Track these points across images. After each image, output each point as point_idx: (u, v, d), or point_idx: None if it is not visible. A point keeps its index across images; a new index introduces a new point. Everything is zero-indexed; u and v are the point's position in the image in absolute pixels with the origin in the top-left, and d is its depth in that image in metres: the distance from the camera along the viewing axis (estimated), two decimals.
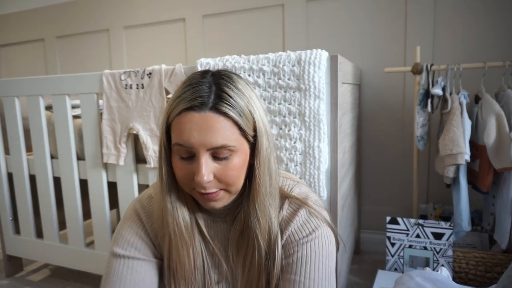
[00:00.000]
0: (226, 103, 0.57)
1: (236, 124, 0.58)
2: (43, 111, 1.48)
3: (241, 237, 0.67)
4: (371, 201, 1.91)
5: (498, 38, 1.60)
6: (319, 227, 0.66)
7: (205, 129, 0.56)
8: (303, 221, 0.66)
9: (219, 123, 0.56)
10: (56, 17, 2.62)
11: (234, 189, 0.62)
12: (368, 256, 1.83)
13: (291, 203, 0.68)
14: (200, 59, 1.14)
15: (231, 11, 2.08)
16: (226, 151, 0.58)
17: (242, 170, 0.61)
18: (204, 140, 0.56)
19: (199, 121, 0.56)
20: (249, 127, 0.60)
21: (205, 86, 0.58)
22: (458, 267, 1.38)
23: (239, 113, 0.58)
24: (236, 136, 0.58)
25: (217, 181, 0.59)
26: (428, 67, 1.43)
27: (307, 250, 0.64)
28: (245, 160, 0.61)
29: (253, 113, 0.60)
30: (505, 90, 1.34)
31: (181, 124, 0.57)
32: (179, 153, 0.59)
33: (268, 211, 0.63)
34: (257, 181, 0.61)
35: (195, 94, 0.57)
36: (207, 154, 0.58)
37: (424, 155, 1.75)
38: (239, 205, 0.68)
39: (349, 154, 1.39)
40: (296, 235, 0.65)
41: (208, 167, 0.58)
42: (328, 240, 0.66)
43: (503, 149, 1.23)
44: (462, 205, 1.34)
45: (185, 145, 0.57)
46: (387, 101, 1.81)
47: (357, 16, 1.81)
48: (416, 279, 0.87)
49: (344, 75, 1.15)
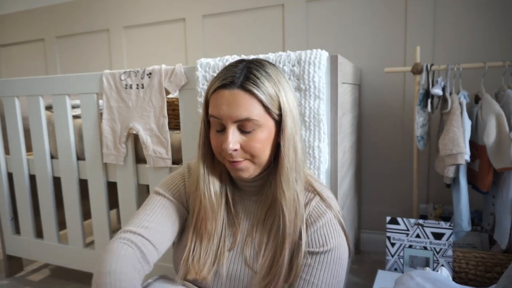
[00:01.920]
0: (252, 82, 0.66)
1: (260, 102, 0.66)
2: (43, 111, 1.48)
3: (268, 211, 0.74)
4: (371, 201, 1.91)
5: (498, 38, 1.60)
6: (339, 236, 0.72)
7: (232, 104, 0.66)
8: (329, 225, 0.72)
9: (245, 99, 0.66)
10: (56, 17, 2.62)
11: (258, 160, 0.70)
12: (368, 256, 1.83)
13: (320, 202, 0.74)
14: (200, 59, 1.14)
15: (231, 11, 2.08)
16: (250, 125, 0.67)
17: (266, 144, 0.69)
18: (231, 112, 0.66)
19: (228, 97, 0.66)
20: (274, 106, 0.68)
21: (237, 69, 0.68)
22: (458, 267, 1.38)
23: (264, 92, 0.67)
24: (260, 112, 0.67)
25: (243, 152, 0.68)
26: (428, 67, 1.43)
27: (326, 258, 0.70)
28: (269, 136, 0.69)
29: (279, 94, 0.68)
30: (505, 90, 1.34)
31: (214, 99, 0.68)
32: (215, 126, 0.70)
33: (293, 184, 0.70)
34: (283, 156, 0.69)
35: (228, 74, 0.68)
36: (234, 126, 0.67)
37: (424, 155, 1.75)
38: (266, 184, 0.75)
39: (349, 154, 1.39)
40: (320, 239, 0.71)
41: (234, 137, 0.67)
42: (344, 251, 0.72)
43: (503, 149, 1.23)
44: (462, 205, 1.34)
45: (217, 116, 0.67)
46: (387, 101, 1.81)
47: (357, 16, 1.81)
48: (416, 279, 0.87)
49: (344, 75, 1.15)
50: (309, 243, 0.70)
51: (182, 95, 1.21)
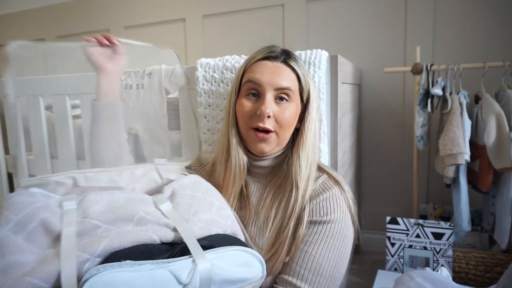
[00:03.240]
0: (294, 60, 0.75)
1: (298, 78, 0.74)
2: (43, 111, 1.48)
3: (279, 187, 0.76)
4: (371, 201, 1.90)
5: (498, 38, 1.60)
6: (343, 212, 0.73)
7: (276, 73, 0.72)
8: (333, 198, 0.73)
9: (287, 72, 0.73)
10: (56, 17, 2.62)
11: (283, 135, 0.74)
12: (368, 256, 1.83)
13: (328, 179, 0.77)
14: (200, 59, 1.14)
15: (231, 11, 2.08)
16: (286, 96, 0.73)
17: (293, 119, 0.74)
18: (273, 80, 0.72)
19: (271, 67, 0.73)
20: (306, 87, 0.76)
21: (278, 50, 0.76)
22: (458, 267, 1.38)
23: (303, 73, 0.75)
24: (296, 87, 0.74)
25: (274, 121, 0.72)
26: (428, 67, 1.43)
27: (325, 228, 0.70)
28: (296, 113, 0.75)
29: (308, 81, 0.76)
30: (505, 90, 1.34)
31: (256, 67, 0.74)
32: (248, 91, 0.74)
33: (310, 164, 0.74)
34: (305, 136, 0.75)
35: (271, 49, 0.75)
36: (272, 94, 0.72)
37: (424, 155, 1.75)
38: (277, 167, 0.78)
39: (349, 154, 1.39)
40: (322, 210, 0.72)
41: (272, 104, 0.72)
42: (346, 227, 0.72)
43: (503, 149, 1.23)
44: (462, 205, 1.34)
45: (257, 82, 0.72)
46: (387, 101, 1.81)
47: (357, 16, 1.81)
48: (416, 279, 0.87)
49: (344, 75, 1.15)
50: (311, 213, 0.72)
51: (182, 95, 1.21)
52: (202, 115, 1.13)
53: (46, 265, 0.45)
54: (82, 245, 0.48)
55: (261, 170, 0.79)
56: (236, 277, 0.52)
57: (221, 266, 0.50)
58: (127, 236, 0.50)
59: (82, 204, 0.55)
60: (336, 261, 0.69)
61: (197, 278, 0.47)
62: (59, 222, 0.51)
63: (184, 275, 0.46)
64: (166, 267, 0.46)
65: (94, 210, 0.54)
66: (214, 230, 0.58)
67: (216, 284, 0.49)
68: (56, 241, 0.49)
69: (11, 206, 0.52)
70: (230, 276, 0.51)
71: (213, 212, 0.62)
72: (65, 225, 0.51)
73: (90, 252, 0.47)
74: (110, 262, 0.45)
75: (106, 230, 0.52)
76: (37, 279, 0.43)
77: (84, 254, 0.46)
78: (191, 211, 0.60)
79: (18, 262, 0.45)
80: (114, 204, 0.56)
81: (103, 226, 0.52)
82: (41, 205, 0.53)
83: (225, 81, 1.08)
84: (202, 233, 0.56)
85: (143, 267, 0.45)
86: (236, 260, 0.53)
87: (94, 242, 0.48)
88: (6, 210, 0.51)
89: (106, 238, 0.49)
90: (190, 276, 0.47)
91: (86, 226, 0.51)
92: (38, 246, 0.48)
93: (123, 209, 0.55)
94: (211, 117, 1.12)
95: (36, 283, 0.43)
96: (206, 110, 1.12)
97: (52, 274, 0.44)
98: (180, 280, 0.46)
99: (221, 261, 0.51)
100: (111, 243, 0.48)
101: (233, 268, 0.52)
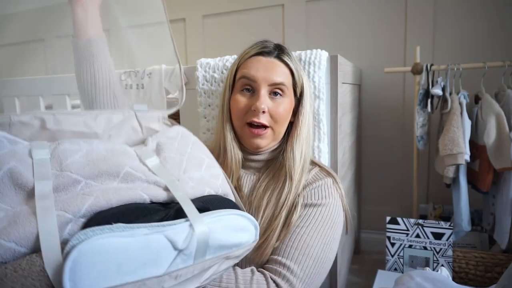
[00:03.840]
0: (287, 56, 0.76)
1: (291, 73, 0.76)
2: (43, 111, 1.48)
3: (272, 178, 0.76)
4: (371, 201, 1.90)
5: (498, 38, 1.60)
6: (334, 199, 0.74)
7: (269, 69, 0.73)
8: (325, 186, 0.75)
9: (280, 68, 0.74)
10: (56, 17, 2.62)
11: (277, 129, 0.75)
12: (368, 256, 1.83)
13: (320, 171, 0.79)
14: (200, 59, 1.14)
15: (231, 11, 2.08)
16: (280, 92, 0.74)
17: (287, 114, 0.76)
18: (267, 76, 0.72)
19: (265, 63, 0.74)
20: (299, 83, 0.77)
21: (272, 44, 0.77)
22: (458, 267, 1.38)
23: (296, 67, 0.76)
24: (289, 82, 0.75)
25: (269, 116, 0.73)
26: (428, 67, 1.43)
27: (316, 212, 0.72)
28: (290, 108, 0.76)
29: (303, 78, 0.78)
30: (505, 90, 1.34)
31: (250, 63, 0.75)
32: (242, 86, 0.75)
33: (303, 155, 0.75)
34: (298, 129, 0.76)
35: (264, 45, 0.76)
36: (266, 90, 0.73)
37: (424, 155, 1.75)
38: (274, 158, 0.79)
39: (349, 154, 1.39)
40: (314, 196, 0.73)
41: (266, 99, 0.73)
42: (337, 213, 0.74)
43: (503, 149, 1.23)
44: (462, 205, 1.34)
45: (251, 78, 0.73)
46: (387, 101, 1.81)
47: (357, 16, 1.81)
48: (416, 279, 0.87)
49: (344, 75, 1.15)
50: (303, 198, 0.73)
51: None
52: (202, 115, 1.13)
53: (20, 226, 0.38)
54: (61, 202, 0.41)
55: (256, 164, 0.80)
56: (232, 241, 0.49)
57: (218, 231, 0.47)
58: (115, 195, 0.44)
59: (57, 153, 0.47)
60: (324, 244, 0.70)
61: (194, 243, 0.43)
62: (31, 174, 0.43)
63: (180, 241, 0.42)
64: (162, 232, 0.41)
65: (73, 162, 0.46)
66: (207, 190, 0.54)
67: (211, 249, 0.46)
68: (29, 197, 0.42)
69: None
70: (227, 241, 0.48)
71: (203, 169, 0.57)
72: (38, 178, 0.43)
73: (73, 212, 0.40)
74: (95, 223, 0.39)
75: (88, 185, 0.45)
76: (11, 242, 0.37)
77: (66, 214, 0.40)
78: (181, 168, 0.54)
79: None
80: (94, 156, 0.48)
81: (83, 181, 0.45)
82: (7, 152, 0.44)
83: None
84: (194, 192, 0.51)
85: (137, 231, 0.40)
86: (232, 225, 0.50)
87: (77, 200, 0.42)
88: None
89: (90, 196, 0.43)
90: (187, 242, 0.43)
91: (64, 181, 0.44)
92: (5, 202, 0.41)
93: (106, 162, 0.48)
94: (211, 117, 1.12)
95: (10, 246, 0.37)
96: (206, 110, 1.12)
97: (29, 236, 0.38)
98: (176, 245, 0.42)
99: (218, 225, 0.47)
100: (97, 202, 0.42)
101: (230, 232, 0.49)
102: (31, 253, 0.37)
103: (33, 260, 0.36)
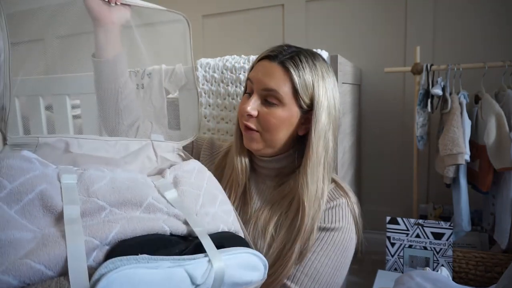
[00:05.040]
0: (293, 63, 0.68)
1: (292, 82, 0.67)
2: (43, 111, 1.48)
3: (283, 200, 0.72)
4: (371, 201, 1.90)
5: (498, 38, 1.60)
6: (348, 222, 0.71)
7: (267, 73, 0.69)
8: (339, 208, 0.71)
9: (279, 74, 0.68)
10: (56, 17, 2.62)
11: (269, 137, 0.70)
12: (368, 256, 1.83)
13: (336, 188, 0.74)
14: (200, 59, 1.14)
15: (231, 11, 2.08)
16: (274, 99, 0.68)
17: (283, 125, 0.69)
18: (262, 79, 0.69)
19: (267, 67, 0.69)
20: (305, 94, 0.68)
21: (289, 49, 0.71)
22: (458, 267, 1.38)
23: (300, 76, 0.68)
24: (288, 91, 0.68)
25: (257, 122, 0.70)
26: (428, 67, 1.43)
27: (328, 237, 0.69)
28: (289, 120, 0.69)
29: (315, 87, 0.68)
30: (505, 90, 1.34)
31: (257, 65, 0.72)
32: (247, 89, 0.73)
33: (319, 181, 0.68)
34: (311, 149, 0.68)
35: (277, 49, 0.71)
36: (259, 95, 0.70)
37: (424, 155, 1.75)
38: (285, 171, 0.75)
39: (349, 154, 1.39)
40: (328, 218, 0.70)
41: (256, 103, 0.70)
42: (349, 237, 0.71)
43: (503, 149, 1.23)
44: (462, 205, 1.34)
45: (251, 79, 0.71)
46: (387, 101, 1.81)
47: (357, 16, 1.81)
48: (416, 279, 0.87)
49: (344, 75, 1.15)
50: (317, 220, 0.69)
51: (182, 95, 1.21)
52: (202, 115, 1.13)
53: (50, 248, 0.38)
54: (89, 228, 0.42)
55: (264, 171, 0.77)
56: (244, 279, 0.50)
57: (233, 268, 0.48)
58: (139, 224, 0.45)
59: (84, 179, 0.48)
60: (335, 269, 0.68)
61: (210, 279, 0.44)
62: (59, 198, 0.44)
63: (199, 275, 0.43)
64: (183, 266, 0.42)
65: (99, 188, 0.48)
66: (221, 226, 0.55)
67: (225, 286, 0.47)
68: (57, 220, 0.42)
69: (3, 170, 0.43)
70: (240, 278, 0.49)
71: (217, 206, 0.59)
72: (67, 202, 0.44)
73: (101, 238, 0.41)
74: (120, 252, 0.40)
75: (112, 213, 0.46)
76: (40, 264, 0.37)
77: (94, 240, 0.41)
78: (198, 202, 0.55)
79: (13, 240, 0.38)
80: (117, 184, 0.49)
81: (108, 208, 0.46)
82: (39, 174, 0.45)
83: (225, 81, 1.08)
84: (210, 228, 0.53)
85: (161, 263, 0.40)
86: (246, 263, 0.51)
87: (104, 227, 0.42)
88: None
89: (116, 223, 0.43)
90: (204, 277, 0.43)
91: (91, 206, 0.45)
92: (34, 224, 0.41)
93: (131, 191, 0.49)
94: (211, 117, 1.12)
95: (39, 269, 0.36)
96: (206, 110, 1.12)
97: (57, 260, 0.37)
98: (194, 280, 0.42)
99: (233, 263, 0.48)
100: (123, 230, 0.43)
101: (243, 270, 0.50)
102: (57, 276, 0.37)
103: (61, 284, 0.36)
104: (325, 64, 0.72)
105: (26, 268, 0.36)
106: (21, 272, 0.36)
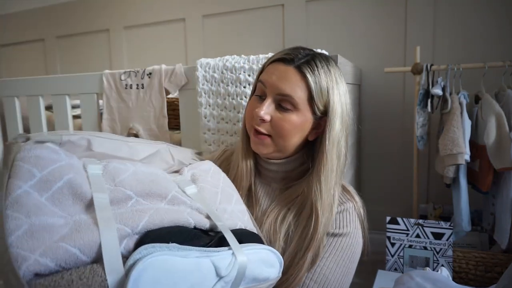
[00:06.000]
0: (309, 67, 0.66)
1: (308, 87, 0.66)
2: (43, 111, 1.48)
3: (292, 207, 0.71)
4: (371, 201, 1.90)
5: (498, 38, 1.60)
6: (355, 227, 0.71)
7: (283, 78, 0.66)
8: (346, 213, 0.71)
9: (295, 79, 0.66)
10: (56, 17, 2.62)
11: (281, 143, 0.69)
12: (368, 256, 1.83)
13: (343, 192, 0.75)
14: (200, 59, 1.14)
15: (231, 11, 2.08)
16: (288, 104, 0.66)
17: (296, 130, 0.68)
18: (277, 84, 0.66)
19: (282, 70, 0.67)
20: (320, 100, 0.67)
21: (304, 52, 0.69)
22: (458, 267, 1.38)
23: (316, 81, 0.66)
24: (303, 97, 0.66)
25: (270, 126, 0.68)
26: (428, 67, 1.43)
27: (336, 243, 0.69)
28: (302, 125, 0.68)
29: (330, 93, 0.67)
30: (505, 90, 1.34)
31: (270, 68, 0.69)
32: (257, 92, 0.71)
33: (332, 188, 0.68)
34: (325, 156, 0.67)
35: (292, 52, 0.68)
36: (273, 99, 0.67)
37: (424, 155, 1.75)
38: (293, 175, 0.74)
39: (349, 154, 1.39)
40: (335, 223, 0.69)
41: (269, 108, 0.67)
42: (358, 244, 0.72)
43: (503, 149, 1.23)
44: (462, 205, 1.34)
45: (264, 82, 0.68)
46: (387, 101, 1.81)
47: (357, 16, 1.81)
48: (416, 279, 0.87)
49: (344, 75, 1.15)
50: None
51: (182, 95, 1.21)
52: (202, 115, 1.13)
53: (84, 234, 0.39)
54: (119, 216, 0.43)
55: (271, 174, 0.76)
56: (263, 275, 0.51)
57: (254, 263, 0.49)
58: (166, 215, 0.46)
59: (109, 170, 0.49)
60: (343, 275, 0.69)
61: (234, 272, 0.45)
62: (88, 186, 0.45)
63: (223, 268, 0.44)
64: (210, 257, 0.43)
65: (124, 179, 0.48)
66: (238, 224, 0.56)
67: (246, 280, 0.48)
68: (86, 208, 0.43)
69: (33, 160, 0.44)
70: (260, 274, 0.50)
71: (233, 204, 0.60)
72: (96, 190, 0.44)
73: (132, 227, 0.42)
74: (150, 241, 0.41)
75: (138, 203, 0.47)
76: (75, 248, 0.37)
77: (126, 228, 0.41)
78: (216, 199, 0.57)
79: (47, 225, 0.39)
80: (140, 176, 0.50)
81: (134, 198, 0.47)
82: (66, 164, 0.46)
83: (225, 81, 1.08)
84: (229, 224, 0.53)
85: (190, 253, 0.41)
86: (265, 259, 0.52)
87: (134, 216, 0.43)
88: (26, 163, 0.43)
89: (145, 213, 0.44)
90: (228, 269, 0.45)
91: (118, 195, 0.46)
92: (65, 211, 0.42)
93: (155, 183, 0.50)
94: (211, 117, 1.12)
95: (74, 252, 0.37)
96: (206, 110, 1.12)
97: (91, 245, 0.38)
98: (219, 272, 0.43)
99: (254, 258, 0.49)
100: (152, 220, 0.44)
101: (263, 266, 0.51)
102: (91, 261, 0.38)
103: (95, 270, 0.37)
104: (338, 69, 0.71)
105: (63, 251, 0.37)
106: (58, 255, 0.36)
